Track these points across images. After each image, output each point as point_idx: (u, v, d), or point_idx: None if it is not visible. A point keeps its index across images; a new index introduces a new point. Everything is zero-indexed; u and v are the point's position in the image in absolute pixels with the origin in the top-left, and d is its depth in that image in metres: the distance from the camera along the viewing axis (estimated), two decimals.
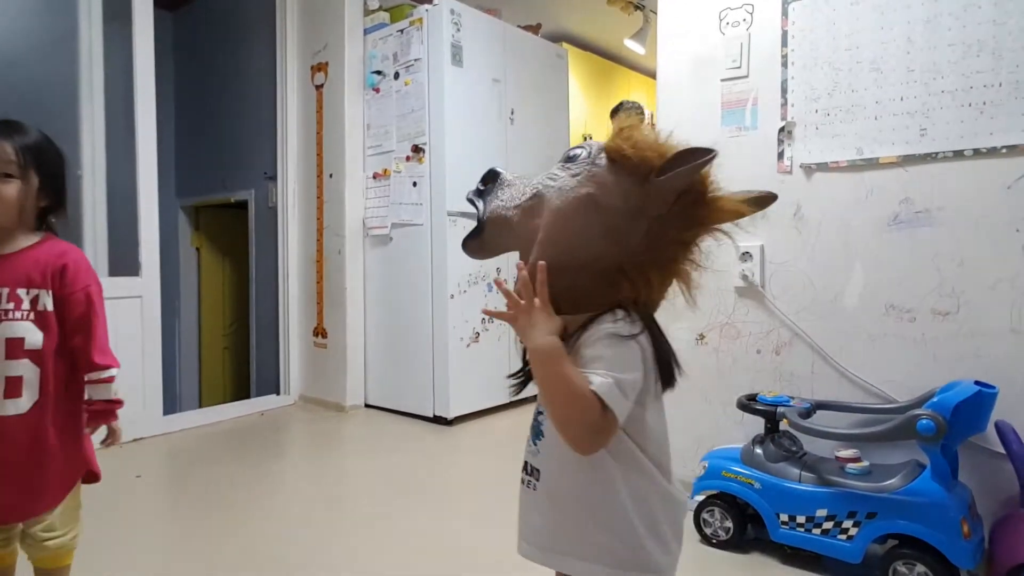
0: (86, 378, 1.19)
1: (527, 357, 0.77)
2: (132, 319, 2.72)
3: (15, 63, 2.63)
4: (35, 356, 1.13)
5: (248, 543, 1.73)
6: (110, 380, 1.22)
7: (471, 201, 0.85)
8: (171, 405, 3.52)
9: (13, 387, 1.11)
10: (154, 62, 2.79)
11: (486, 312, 0.84)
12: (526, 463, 0.80)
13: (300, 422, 3.08)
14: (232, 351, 4.33)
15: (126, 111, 2.76)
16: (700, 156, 0.69)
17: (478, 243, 0.84)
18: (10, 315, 1.11)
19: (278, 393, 3.42)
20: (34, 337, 1.12)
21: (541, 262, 0.72)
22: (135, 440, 2.68)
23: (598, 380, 0.68)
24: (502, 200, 0.81)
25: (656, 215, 0.73)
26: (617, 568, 0.74)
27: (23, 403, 1.12)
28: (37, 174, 1.16)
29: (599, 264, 0.74)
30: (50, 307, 1.14)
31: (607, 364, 0.69)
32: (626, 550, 0.74)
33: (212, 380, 4.32)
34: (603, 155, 0.76)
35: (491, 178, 0.85)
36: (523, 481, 0.80)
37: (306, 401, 3.39)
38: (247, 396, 3.77)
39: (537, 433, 0.79)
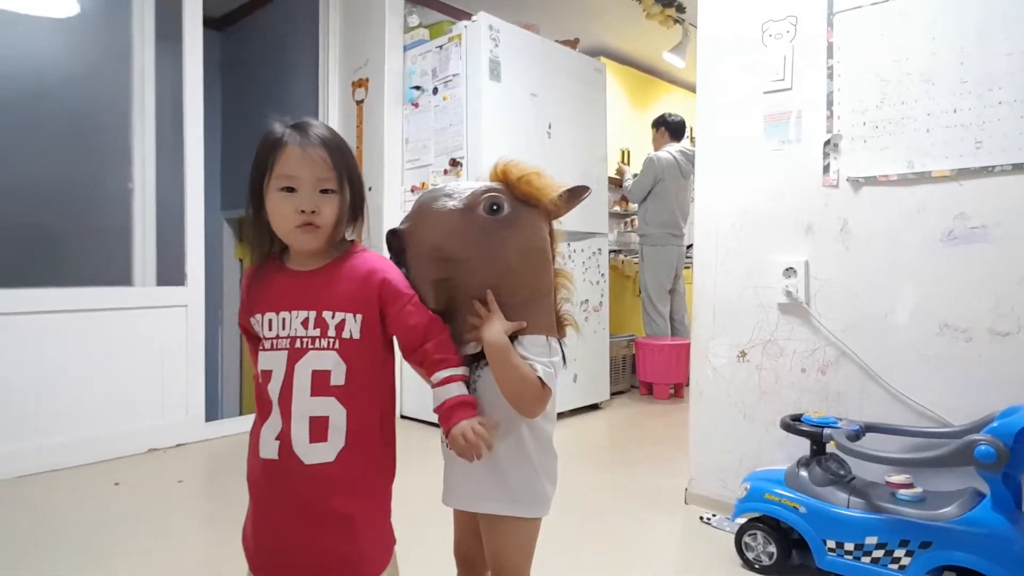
0: (435, 378, 0.96)
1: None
2: (177, 328, 2.79)
3: (72, 80, 2.75)
4: (341, 394, 0.93)
5: None
6: (463, 378, 0.97)
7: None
8: (213, 412, 3.59)
9: (318, 430, 0.92)
10: (202, 79, 2.89)
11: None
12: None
13: None
14: None
15: (175, 126, 2.86)
16: (584, 191, 1.02)
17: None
18: (316, 343, 0.93)
19: None
20: (339, 371, 0.93)
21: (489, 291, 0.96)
22: (178, 445, 2.74)
23: (540, 367, 0.94)
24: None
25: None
26: (523, 503, 0.99)
27: (329, 449, 0.92)
28: (349, 185, 0.96)
29: (547, 287, 1.01)
30: (357, 334, 0.94)
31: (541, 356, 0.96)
32: (529, 490, 0.99)
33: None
34: (515, 203, 0.98)
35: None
36: (444, 442, 1.00)
37: None
38: None
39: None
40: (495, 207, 0.97)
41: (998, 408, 1.41)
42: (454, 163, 2.98)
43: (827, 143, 1.77)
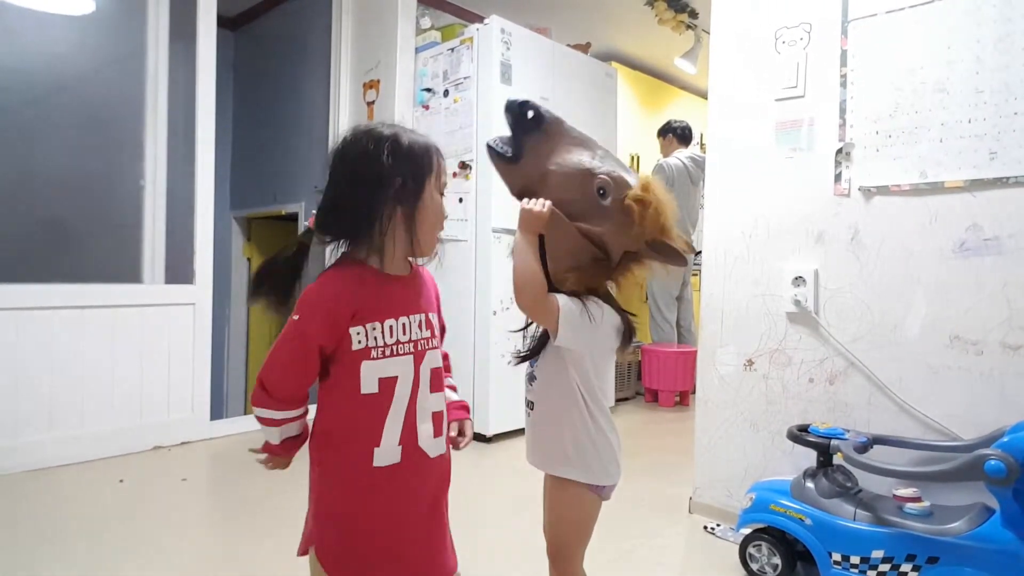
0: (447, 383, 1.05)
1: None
2: (185, 325, 2.80)
3: (87, 78, 2.77)
4: (444, 387, 1.02)
5: (288, 551, 1.74)
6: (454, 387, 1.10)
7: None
8: (218, 411, 3.61)
9: (439, 424, 0.98)
10: (215, 78, 2.90)
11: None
12: (526, 399, 1.13)
13: None
14: None
15: (187, 125, 2.87)
16: (677, 260, 1.05)
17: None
18: (430, 343, 0.98)
19: None
20: (442, 366, 1.01)
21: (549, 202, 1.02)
22: (183, 443, 2.75)
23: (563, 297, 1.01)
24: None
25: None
26: (576, 469, 1.08)
27: (442, 443, 0.99)
28: None
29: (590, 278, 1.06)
30: (438, 331, 1.02)
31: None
32: (580, 459, 1.07)
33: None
34: (617, 205, 1.03)
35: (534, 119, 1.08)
36: (526, 412, 1.14)
37: None
38: None
39: (531, 378, 1.11)
40: (601, 191, 1.02)
41: (1009, 422, 1.39)
42: (464, 166, 2.98)
43: (839, 152, 1.76)
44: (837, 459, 1.56)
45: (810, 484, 1.55)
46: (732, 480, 1.93)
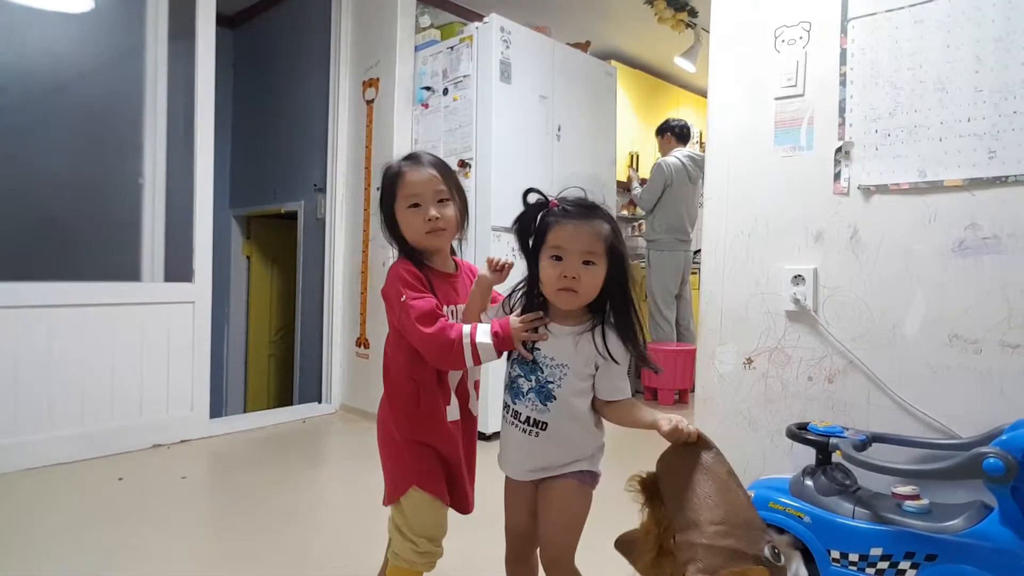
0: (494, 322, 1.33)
1: None
2: (184, 324, 2.80)
3: (86, 76, 2.77)
4: None
5: (287, 549, 1.75)
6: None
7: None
8: (217, 409, 3.61)
9: (477, 391, 1.35)
10: (214, 76, 2.90)
11: None
12: (529, 417, 1.17)
13: (341, 431, 3.11)
14: (277, 359, 4.42)
15: (186, 124, 2.87)
16: None
17: None
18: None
19: (320, 401, 3.47)
20: None
21: None
22: (182, 442, 2.75)
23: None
24: None
25: None
26: (589, 460, 1.22)
27: (477, 406, 1.35)
28: (457, 193, 1.30)
29: None
30: None
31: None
32: (595, 452, 1.23)
33: (257, 386, 4.42)
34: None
35: None
36: (524, 431, 1.17)
37: (347, 410, 3.43)
38: (290, 403, 3.84)
39: (548, 397, 1.15)
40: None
41: (1007, 421, 1.39)
42: (463, 164, 2.98)
43: (838, 150, 1.76)
44: (836, 457, 1.56)
45: (809, 482, 1.55)
46: None
